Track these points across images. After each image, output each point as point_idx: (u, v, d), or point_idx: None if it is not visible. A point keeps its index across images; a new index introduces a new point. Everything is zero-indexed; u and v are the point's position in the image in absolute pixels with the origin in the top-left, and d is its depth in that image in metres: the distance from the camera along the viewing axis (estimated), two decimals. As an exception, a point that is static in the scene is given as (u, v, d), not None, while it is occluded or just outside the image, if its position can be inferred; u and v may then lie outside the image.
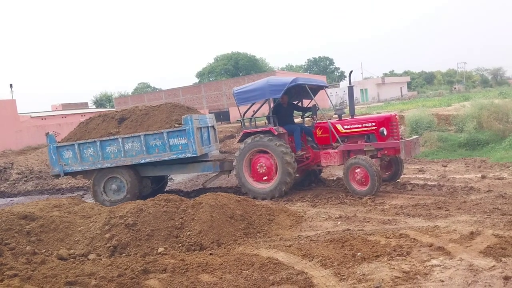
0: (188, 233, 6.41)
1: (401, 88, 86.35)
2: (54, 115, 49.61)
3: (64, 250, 6.32)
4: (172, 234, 6.43)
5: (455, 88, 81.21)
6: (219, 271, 5.13)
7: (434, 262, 4.70)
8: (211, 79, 72.32)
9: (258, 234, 6.57)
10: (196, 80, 77.28)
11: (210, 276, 5.03)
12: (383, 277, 4.42)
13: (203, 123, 10.26)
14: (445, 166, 10.89)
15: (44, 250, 6.31)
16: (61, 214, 7.17)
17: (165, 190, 11.85)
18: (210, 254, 5.81)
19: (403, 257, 4.92)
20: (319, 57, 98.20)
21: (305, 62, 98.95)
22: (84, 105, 67.36)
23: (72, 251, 6.33)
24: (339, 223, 6.75)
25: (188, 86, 59.92)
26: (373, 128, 8.83)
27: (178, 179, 14.04)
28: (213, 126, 11.20)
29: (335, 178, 10.71)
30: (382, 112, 19.77)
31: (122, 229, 6.45)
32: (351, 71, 9.16)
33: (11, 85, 38.40)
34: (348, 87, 9.26)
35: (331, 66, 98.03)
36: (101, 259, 5.96)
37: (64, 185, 14.44)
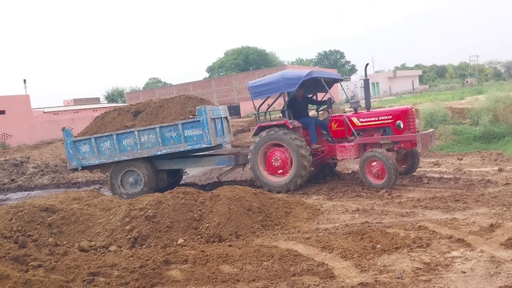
0: (207, 225, 6.49)
1: (412, 81, 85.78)
2: (66, 110, 50.17)
3: (85, 242, 6.43)
4: (191, 226, 6.52)
5: (467, 81, 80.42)
6: (239, 262, 5.20)
7: (454, 254, 4.72)
8: (221, 73, 72.34)
9: (275, 226, 6.62)
10: (207, 75, 77.42)
11: (230, 267, 5.10)
12: (404, 268, 4.45)
13: (216, 114, 10.32)
14: (461, 160, 10.84)
15: (66, 242, 6.42)
16: (81, 206, 7.28)
17: (180, 183, 11.95)
18: (230, 245, 5.88)
19: (423, 249, 4.94)
20: (330, 50, 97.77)
21: (316, 56, 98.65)
22: (96, 100, 67.93)
23: (93, 243, 6.44)
24: (356, 216, 6.77)
25: (198, 81, 60.00)
26: (390, 121, 8.82)
27: (192, 172, 14.14)
28: (226, 118, 11.25)
29: (350, 172, 10.71)
30: (395, 105, 19.64)
31: (142, 221, 6.54)
32: (367, 64, 9.15)
33: (24, 81, 38.91)
34: (363, 80, 9.25)
35: (342, 60, 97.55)
36: (122, 251, 6.07)
37: (80, 179, 14.61)
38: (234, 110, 44.02)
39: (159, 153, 9.87)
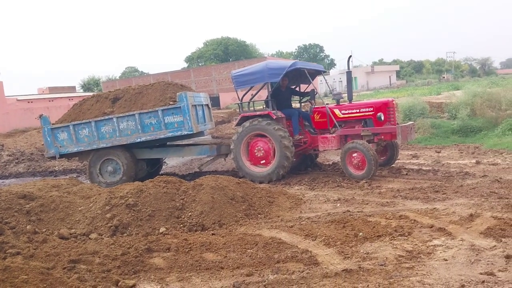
0: (190, 214, 6.44)
1: (390, 76, 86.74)
2: (41, 98, 48.93)
3: (65, 230, 6.31)
4: (173, 214, 6.46)
5: (443, 77, 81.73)
6: (223, 250, 5.18)
7: (436, 242, 4.81)
8: (200, 64, 71.60)
9: (259, 215, 6.63)
10: (185, 65, 76.56)
11: (214, 254, 5.08)
12: (387, 256, 4.51)
13: (197, 101, 10.21)
14: (439, 152, 11.05)
15: (45, 230, 6.29)
16: (60, 194, 7.14)
17: (160, 173, 11.83)
18: (213, 234, 5.86)
19: (405, 237, 5.02)
20: (309, 44, 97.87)
21: (295, 49, 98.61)
22: (72, 89, 66.35)
23: (73, 230, 6.34)
24: (338, 205, 6.83)
25: (177, 70, 59.30)
26: (371, 113, 8.91)
27: (172, 162, 14.03)
28: (207, 105, 11.15)
29: (330, 163, 10.80)
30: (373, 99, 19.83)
31: (123, 209, 6.46)
32: (350, 56, 9.20)
33: (-3, 67, 37.53)
34: (346, 72, 9.30)
35: (321, 54, 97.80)
36: (103, 239, 5.98)
37: (57, 167, 14.33)
38: (214, 101, 43.63)
39: (138, 140, 9.73)
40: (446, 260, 4.28)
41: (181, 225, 6.27)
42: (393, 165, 9.60)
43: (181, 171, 12.55)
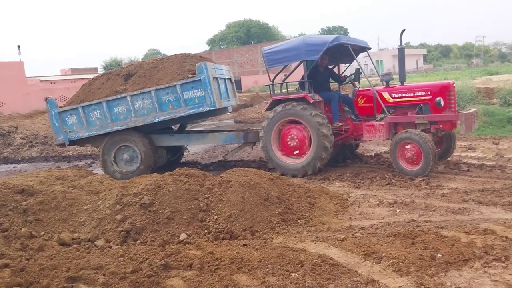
0: (216, 217, 5.32)
1: (417, 60, 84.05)
2: (63, 80, 48.70)
3: (66, 234, 5.28)
4: (196, 217, 5.35)
5: (472, 62, 78.84)
6: (259, 270, 4.05)
7: (549, 273, 3.57)
8: (222, 46, 70.49)
9: (298, 221, 5.45)
10: (207, 48, 75.37)
11: (248, 277, 3.96)
12: (488, 294, 3.30)
13: (219, 73, 9.00)
14: (497, 144, 9.64)
15: (43, 233, 5.27)
16: (64, 188, 6.10)
17: (181, 161, 10.77)
18: (244, 245, 4.73)
19: (503, 264, 3.79)
20: (333, 26, 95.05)
21: (319, 32, 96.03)
22: (94, 70, 66.07)
23: (76, 234, 5.30)
24: (398, 211, 5.59)
25: (199, 53, 58.10)
26: (428, 97, 7.58)
27: (193, 149, 12.93)
28: (230, 79, 9.93)
29: (373, 154, 9.51)
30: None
31: (136, 209, 5.37)
32: (403, 30, 7.81)
33: (18, 47, 37.15)
34: (398, 48, 7.93)
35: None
36: (111, 247, 4.93)
37: (71, 152, 13.41)
38: (236, 85, 42.49)
39: (156, 120, 8.60)
40: None
41: (206, 231, 5.15)
42: (449, 158, 8.28)
43: (204, 159, 11.46)
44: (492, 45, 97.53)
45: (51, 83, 44.38)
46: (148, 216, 5.29)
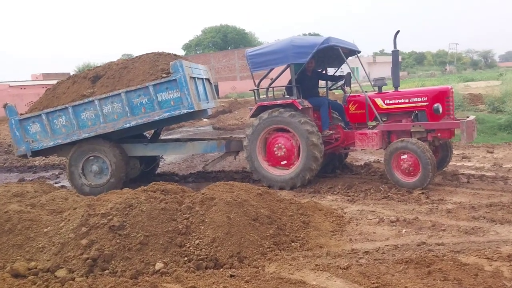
0: (197, 241, 4.60)
1: (391, 67, 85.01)
2: (34, 85, 46.92)
3: (21, 263, 4.50)
4: (174, 242, 4.62)
5: (446, 69, 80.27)
6: (252, 311, 3.36)
7: None
8: (198, 52, 69.55)
9: (292, 244, 4.79)
10: (183, 53, 74.28)
11: (239, 320, 3.26)
12: None
13: (196, 73, 8.26)
14: (491, 153, 9.21)
15: (-7, 263, 4.46)
16: (21, 208, 5.27)
17: (156, 172, 9.98)
18: (232, 275, 4.05)
19: (542, 301, 3.20)
20: (309, 33, 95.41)
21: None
22: (66, 75, 64.24)
23: (33, 263, 4.51)
24: (403, 230, 4.98)
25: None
26: (424, 104, 7.05)
27: (170, 158, 12.14)
28: (208, 80, 9.19)
29: (362, 164, 8.95)
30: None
31: (104, 232, 4.61)
32: (398, 31, 7.28)
33: (-15, 50, 35.46)
34: (392, 51, 7.40)
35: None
36: (74, 278, 4.19)
37: (37, 162, 12.43)
38: (213, 90, 41.73)
39: (127, 125, 7.78)
40: None
41: (186, 259, 4.43)
42: (445, 168, 7.77)
43: (181, 169, 10.69)
44: (465, 53, 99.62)
45: (21, 88, 42.66)
46: (118, 240, 4.53)
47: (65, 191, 6.31)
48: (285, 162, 7.60)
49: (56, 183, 9.86)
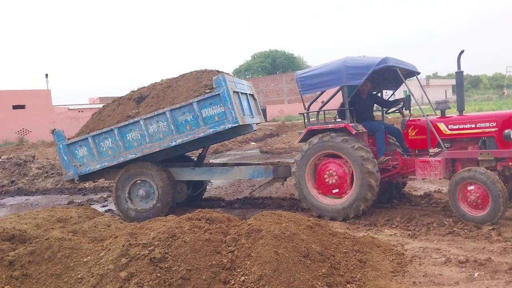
0: (243, 278, 4.21)
1: (445, 91, 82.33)
2: (91, 108, 48.98)
3: (59, 294, 4.28)
4: (218, 277, 4.26)
5: (504, 92, 76.76)
6: None
7: None
8: (247, 76, 70.55)
9: (348, 285, 4.29)
10: (233, 78, 75.54)
11: None
12: None
13: (240, 88, 8.06)
14: None
15: (30, 294, 4.27)
16: (62, 235, 5.11)
17: (203, 197, 9.76)
18: (280, 321, 3.60)
19: None
20: (360, 56, 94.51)
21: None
22: (122, 98, 66.57)
23: (70, 296, 4.28)
24: (476, 274, 4.37)
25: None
26: (493, 130, 6.40)
27: (217, 182, 11.92)
28: (252, 95, 8.97)
29: (422, 194, 8.29)
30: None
31: (145, 265, 4.32)
32: (462, 51, 6.72)
33: (46, 75, 37.61)
34: (456, 72, 6.83)
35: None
36: (111, 315, 3.88)
37: (87, 184, 12.56)
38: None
39: (173, 143, 7.64)
40: None
41: (230, 298, 4.05)
42: (516, 201, 6.99)
43: (228, 194, 10.42)
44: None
45: (79, 111, 44.62)
46: (158, 274, 4.23)
47: (108, 217, 6.15)
48: (336, 190, 7.11)
49: (103, 206, 9.88)
